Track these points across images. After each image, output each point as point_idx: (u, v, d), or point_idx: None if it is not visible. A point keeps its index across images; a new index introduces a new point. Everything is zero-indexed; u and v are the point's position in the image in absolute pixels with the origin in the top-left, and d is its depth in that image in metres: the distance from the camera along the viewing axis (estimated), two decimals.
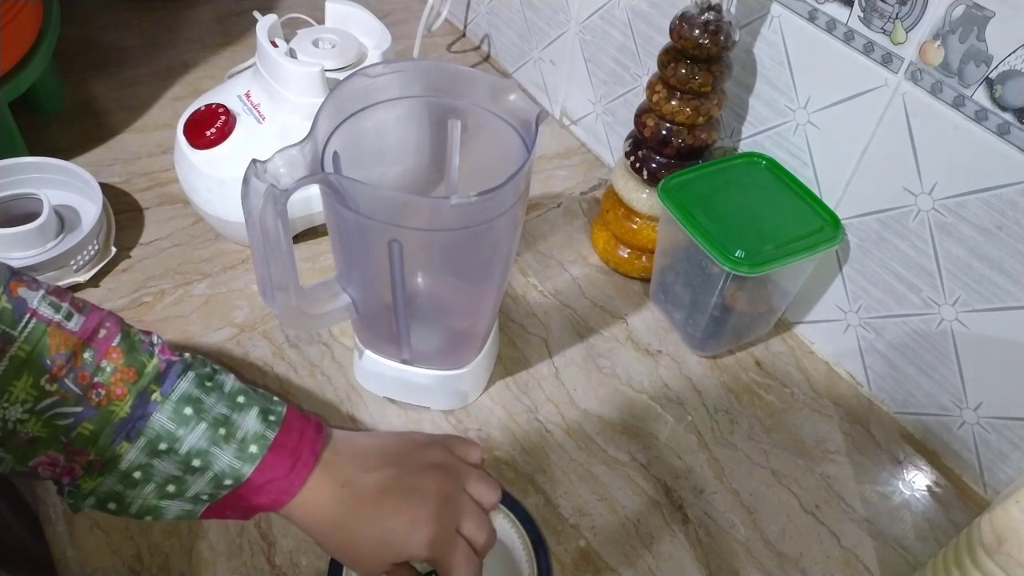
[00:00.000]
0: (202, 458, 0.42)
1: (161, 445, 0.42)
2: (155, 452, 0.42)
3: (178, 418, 0.42)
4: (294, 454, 0.44)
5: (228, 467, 0.42)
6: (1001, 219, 0.55)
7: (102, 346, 0.42)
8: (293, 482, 0.44)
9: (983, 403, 0.61)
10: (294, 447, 0.44)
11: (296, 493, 0.44)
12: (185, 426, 0.42)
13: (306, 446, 0.45)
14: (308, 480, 0.44)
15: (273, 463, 0.43)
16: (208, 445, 0.42)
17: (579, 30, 0.86)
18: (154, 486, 0.42)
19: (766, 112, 0.69)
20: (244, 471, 0.43)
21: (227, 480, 0.42)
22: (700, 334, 0.69)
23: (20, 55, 0.76)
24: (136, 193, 0.79)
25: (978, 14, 0.51)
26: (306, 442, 0.45)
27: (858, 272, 0.66)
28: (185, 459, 0.42)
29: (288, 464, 0.44)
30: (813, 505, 0.62)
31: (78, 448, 0.41)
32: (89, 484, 0.41)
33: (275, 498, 0.44)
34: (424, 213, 0.50)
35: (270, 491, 0.43)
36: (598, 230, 0.78)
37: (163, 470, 0.42)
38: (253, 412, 0.44)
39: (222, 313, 0.70)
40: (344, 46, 0.71)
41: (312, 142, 0.47)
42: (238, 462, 0.43)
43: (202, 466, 0.42)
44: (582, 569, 0.56)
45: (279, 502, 0.44)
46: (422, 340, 0.60)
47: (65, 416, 0.40)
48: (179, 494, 0.42)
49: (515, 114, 0.52)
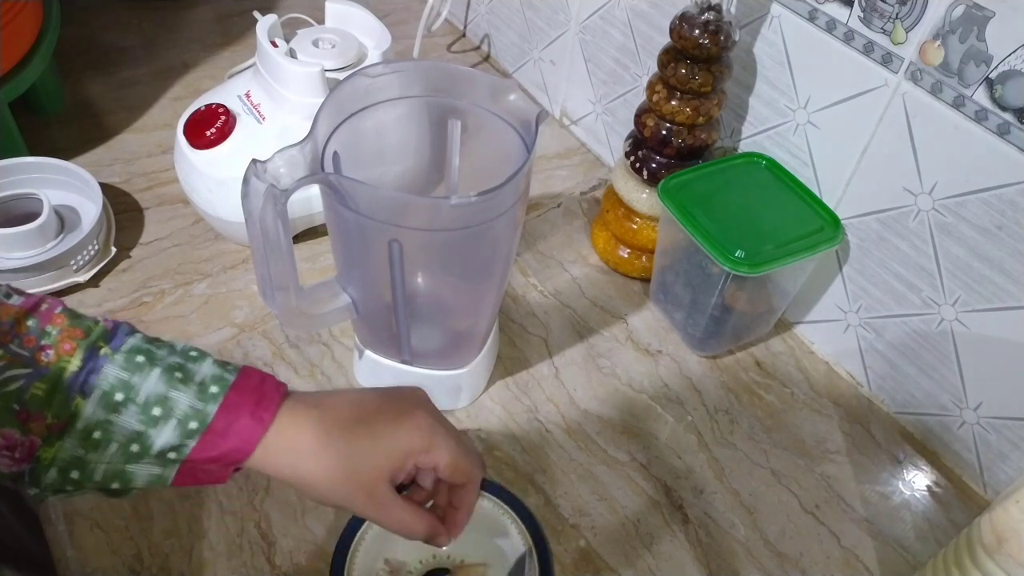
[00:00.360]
0: (162, 405, 0.40)
1: (117, 395, 0.40)
2: (112, 405, 0.40)
3: (131, 366, 0.41)
4: (257, 391, 0.43)
5: (190, 408, 0.41)
6: (1001, 219, 0.55)
7: (45, 315, 0.41)
8: (261, 417, 0.42)
9: (983, 403, 0.61)
10: (256, 387, 0.43)
11: (267, 427, 0.42)
12: (139, 372, 0.41)
13: (269, 385, 0.43)
14: (278, 413, 0.42)
15: (237, 400, 0.42)
16: (166, 389, 0.41)
17: (579, 30, 0.86)
18: (117, 446, 0.40)
19: (766, 112, 0.69)
20: (208, 410, 0.41)
21: (191, 423, 0.41)
22: (700, 334, 0.69)
23: (20, 55, 0.76)
24: (136, 193, 0.79)
25: (978, 14, 0.51)
26: (268, 383, 0.43)
27: (858, 272, 0.66)
28: (144, 408, 0.40)
29: (252, 400, 0.42)
30: (813, 505, 0.62)
31: (33, 412, 0.39)
32: (48, 453, 0.40)
33: (246, 438, 0.41)
34: (424, 213, 0.50)
35: (239, 431, 0.41)
36: (598, 230, 0.78)
37: (124, 425, 0.40)
38: (208, 360, 0.43)
39: (222, 313, 0.70)
40: (344, 46, 0.71)
41: (312, 142, 0.47)
42: (199, 403, 0.41)
43: (163, 414, 0.40)
44: (582, 569, 0.56)
45: (250, 442, 0.41)
46: (422, 340, 0.60)
47: (15, 380, 0.39)
48: (144, 452, 0.40)
49: (515, 114, 0.52)
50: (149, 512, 0.56)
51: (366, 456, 0.44)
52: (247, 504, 0.57)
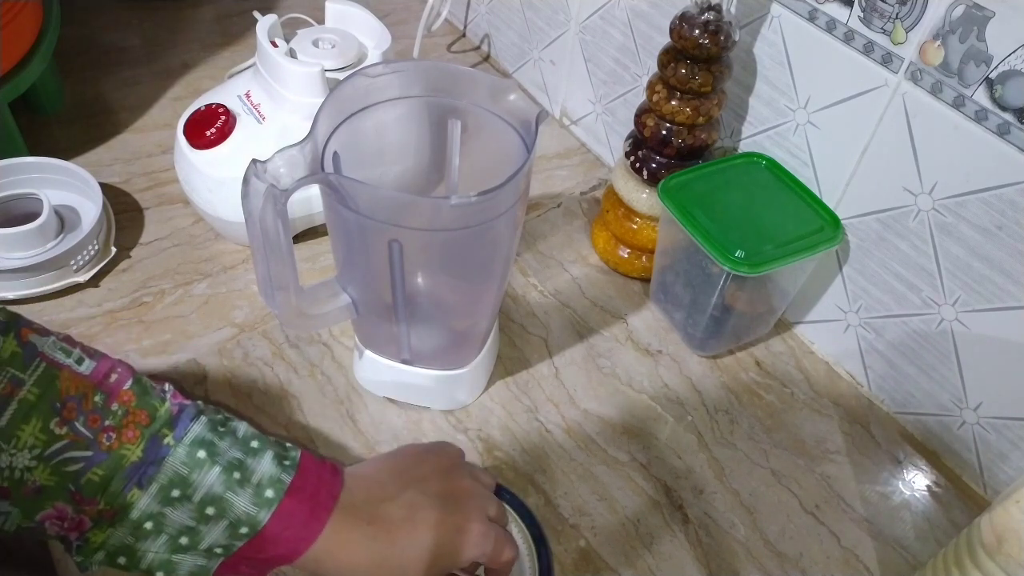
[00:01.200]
0: (216, 505, 0.40)
1: (174, 492, 0.40)
2: (168, 500, 0.40)
3: (191, 462, 0.41)
4: (312, 498, 0.43)
5: (244, 513, 0.41)
6: (1001, 219, 0.55)
7: (114, 389, 0.41)
8: (313, 528, 0.42)
9: (983, 403, 0.61)
10: (312, 492, 0.43)
11: (315, 539, 0.42)
12: (199, 470, 0.41)
13: (323, 489, 0.43)
14: (329, 523, 0.43)
15: (290, 508, 0.42)
16: (223, 491, 0.41)
17: (579, 30, 0.86)
18: (166, 538, 0.40)
19: (766, 112, 0.69)
20: (261, 517, 0.41)
21: (243, 528, 0.41)
22: (700, 334, 0.69)
23: (20, 55, 0.76)
24: (136, 193, 0.79)
25: (978, 14, 0.51)
26: (323, 486, 0.44)
27: (858, 272, 0.66)
28: (199, 507, 0.40)
29: (307, 509, 0.42)
30: (813, 505, 0.62)
31: (87, 497, 0.39)
32: (98, 537, 0.40)
33: (293, 547, 0.42)
34: (424, 213, 0.50)
35: (288, 539, 0.42)
36: (598, 230, 0.78)
37: (176, 520, 0.40)
38: (268, 456, 0.43)
39: (222, 313, 0.70)
40: (344, 46, 0.71)
41: (312, 142, 0.47)
42: (254, 508, 0.41)
43: (216, 514, 0.41)
44: (582, 569, 0.56)
45: (297, 551, 0.42)
46: (422, 340, 0.60)
47: (75, 461, 0.39)
48: (192, 546, 0.41)
49: (515, 114, 0.52)
50: None
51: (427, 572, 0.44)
52: None
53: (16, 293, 0.67)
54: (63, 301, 0.69)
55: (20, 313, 0.42)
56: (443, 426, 0.64)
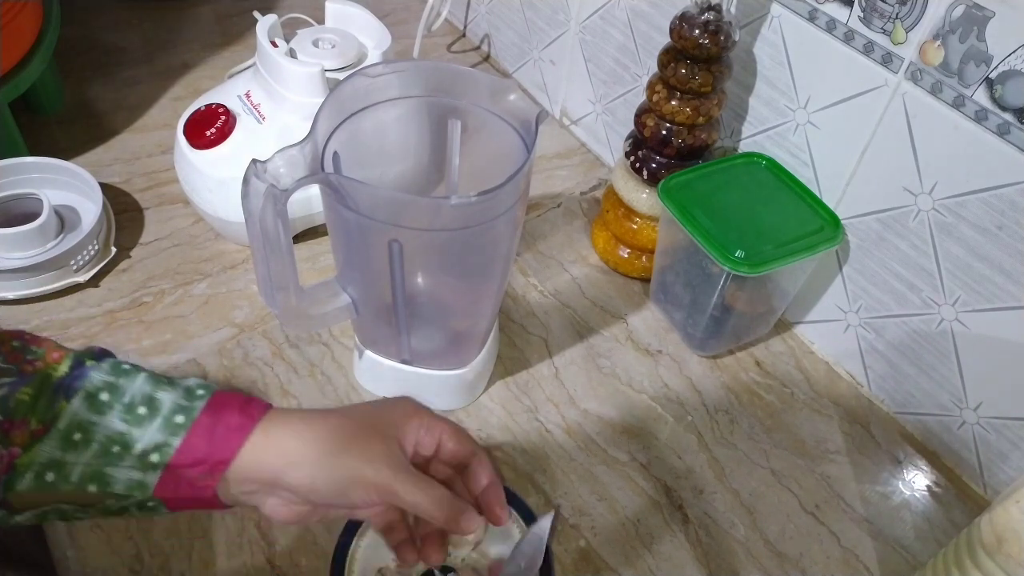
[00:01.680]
0: (148, 404, 0.39)
1: (102, 395, 0.39)
2: (96, 406, 0.39)
3: (117, 371, 0.40)
4: (244, 397, 0.42)
5: (176, 405, 0.40)
6: (1001, 219, 0.55)
7: (30, 340, 0.41)
8: (251, 413, 0.41)
9: (983, 403, 0.61)
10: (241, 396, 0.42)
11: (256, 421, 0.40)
12: (125, 376, 0.40)
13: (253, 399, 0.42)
14: (265, 415, 0.41)
15: (224, 400, 0.41)
16: (152, 390, 0.40)
17: (579, 30, 0.86)
18: (97, 446, 0.38)
19: (766, 112, 0.69)
20: (196, 405, 0.40)
21: (177, 417, 0.39)
22: (700, 334, 0.69)
23: (20, 55, 0.76)
24: (136, 193, 0.79)
25: (978, 14, 0.51)
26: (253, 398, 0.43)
27: (858, 272, 0.66)
28: (129, 408, 0.39)
29: (240, 400, 0.41)
30: (813, 505, 0.62)
31: (17, 420, 0.38)
32: (26, 459, 0.38)
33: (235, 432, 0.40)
34: (424, 213, 0.50)
35: (228, 426, 0.40)
36: (598, 230, 0.78)
37: (107, 425, 0.39)
38: (193, 379, 0.42)
39: (222, 313, 0.70)
40: (344, 46, 0.71)
41: (312, 142, 0.47)
42: (186, 400, 0.40)
43: (148, 413, 0.39)
44: (582, 569, 0.56)
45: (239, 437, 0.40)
46: (422, 340, 0.60)
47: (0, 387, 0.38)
48: (125, 452, 0.39)
49: (515, 114, 0.52)
50: None
51: (368, 424, 0.43)
52: None
53: (16, 293, 0.67)
54: (63, 301, 0.69)
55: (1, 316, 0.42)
56: None
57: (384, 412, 0.45)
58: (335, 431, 0.42)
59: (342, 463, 0.41)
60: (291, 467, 0.41)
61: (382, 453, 0.42)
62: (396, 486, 0.42)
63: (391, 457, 0.42)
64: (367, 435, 0.43)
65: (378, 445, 0.43)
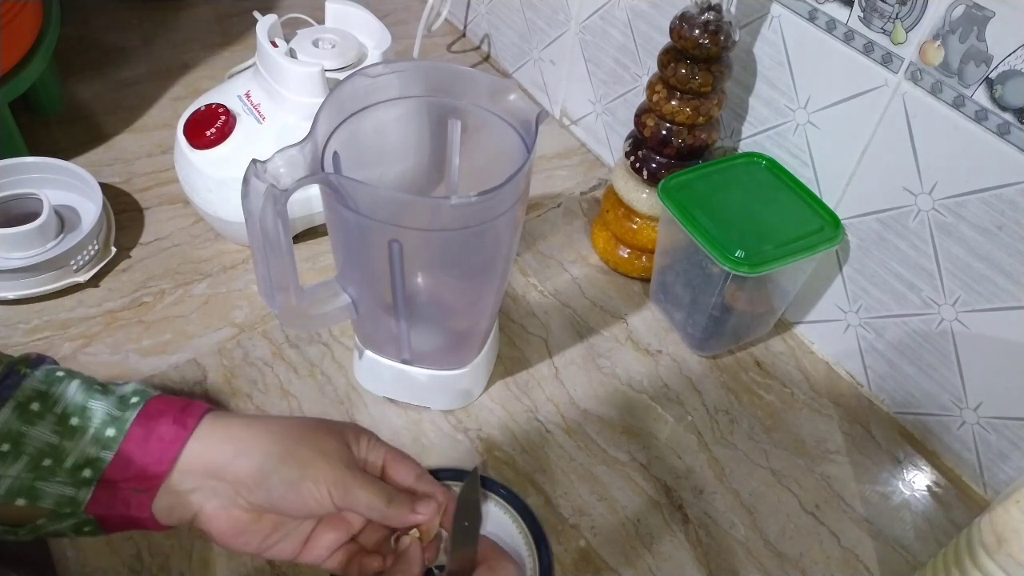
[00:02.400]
0: (79, 415, 0.38)
1: (33, 406, 0.38)
2: (27, 415, 0.37)
3: (49, 379, 0.39)
4: (182, 403, 0.40)
5: (107, 416, 0.38)
6: (1001, 219, 0.55)
7: None
8: (185, 422, 0.39)
9: (983, 403, 0.61)
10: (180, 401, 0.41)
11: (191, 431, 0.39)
12: (58, 384, 0.39)
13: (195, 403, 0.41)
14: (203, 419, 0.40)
15: (159, 408, 0.39)
16: (85, 399, 0.38)
17: (579, 30, 0.86)
18: (27, 459, 0.37)
19: (766, 112, 0.69)
20: (127, 416, 0.38)
21: (108, 431, 0.38)
22: (700, 334, 0.69)
23: (20, 55, 0.76)
24: (136, 193, 0.79)
25: (978, 14, 0.51)
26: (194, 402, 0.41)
27: (858, 272, 0.66)
28: (61, 419, 0.38)
29: (176, 407, 0.40)
30: (813, 505, 0.62)
31: None
32: None
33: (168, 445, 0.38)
34: (424, 213, 0.50)
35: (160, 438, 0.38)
36: (598, 230, 0.78)
37: (37, 437, 0.37)
38: (131, 384, 0.41)
39: (222, 313, 0.70)
40: (344, 46, 0.71)
41: (312, 142, 0.47)
42: (118, 411, 0.38)
43: (80, 424, 0.38)
44: (582, 569, 0.56)
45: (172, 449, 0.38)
46: (422, 340, 0.60)
47: None
48: (57, 466, 0.37)
49: (515, 114, 0.52)
50: None
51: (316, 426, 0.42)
52: None
53: (16, 293, 0.67)
54: (63, 301, 0.69)
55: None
56: (443, 426, 0.64)
57: (331, 423, 0.44)
58: (284, 428, 0.41)
59: (295, 453, 0.40)
60: (239, 456, 0.40)
61: (336, 450, 0.41)
62: (350, 482, 0.40)
63: (345, 455, 0.42)
64: (318, 433, 0.42)
65: (332, 443, 0.42)
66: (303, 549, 0.43)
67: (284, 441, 0.41)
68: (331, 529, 0.44)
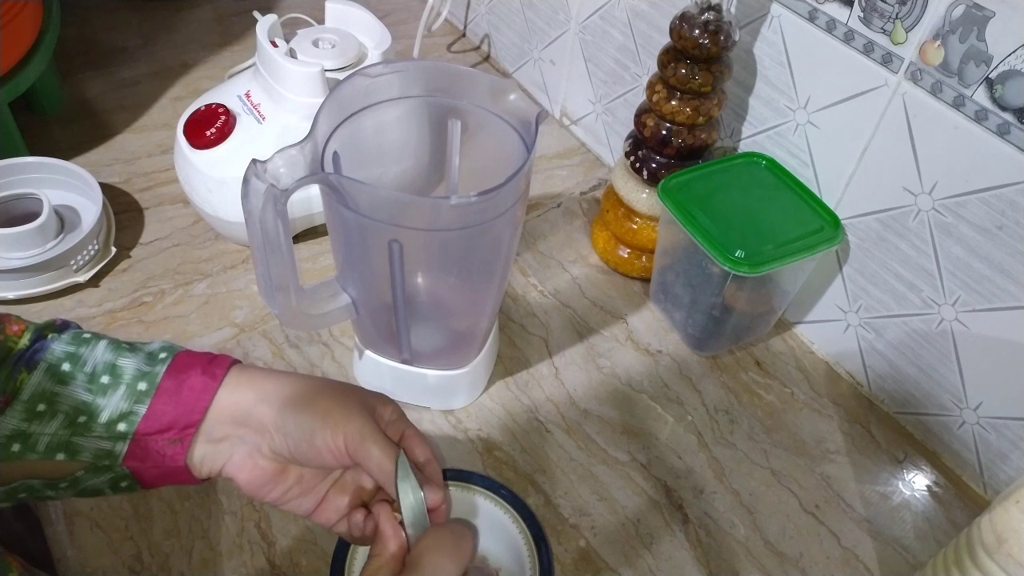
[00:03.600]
0: (110, 372, 0.39)
1: (64, 366, 0.39)
2: (59, 376, 0.39)
3: (78, 341, 0.40)
4: (208, 356, 0.42)
5: (137, 371, 0.39)
6: (1001, 219, 0.55)
7: None
8: (214, 373, 0.41)
9: (983, 403, 0.61)
10: (206, 355, 0.42)
11: (220, 381, 0.40)
12: (86, 345, 0.40)
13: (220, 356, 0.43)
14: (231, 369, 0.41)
15: (187, 361, 0.41)
16: (114, 357, 0.40)
17: (579, 30, 0.86)
18: (63, 417, 0.38)
19: (766, 112, 0.69)
20: (157, 370, 0.40)
21: (140, 384, 0.39)
22: (700, 334, 0.69)
23: (20, 55, 0.76)
24: (136, 193, 0.79)
25: (978, 14, 0.51)
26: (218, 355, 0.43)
27: (858, 272, 0.66)
28: (92, 377, 0.39)
29: (204, 360, 0.41)
30: (813, 505, 0.62)
31: None
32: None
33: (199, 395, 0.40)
34: (424, 213, 0.50)
35: (192, 388, 0.40)
36: (598, 230, 0.78)
37: (71, 395, 0.39)
38: (158, 342, 0.42)
39: (222, 313, 0.70)
40: (344, 46, 0.71)
41: (312, 142, 0.47)
42: (147, 366, 0.40)
43: (111, 381, 0.39)
44: (582, 569, 0.56)
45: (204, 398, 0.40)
46: (422, 340, 0.60)
47: None
48: (92, 422, 0.39)
49: (515, 114, 0.52)
50: (149, 512, 0.56)
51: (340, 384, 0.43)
52: (247, 504, 0.57)
53: (16, 293, 0.67)
54: (63, 301, 0.69)
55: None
56: (443, 426, 0.64)
57: (359, 388, 0.45)
58: (309, 380, 0.43)
59: (315, 403, 0.41)
60: (261, 402, 0.41)
61: (358, 405, 0.42)
62: (366, 435, 0.41)
63: (365, 410, 0.42)
64: (343, 389, 0.43)
65: (354, 399, 0.42)
66: (316, 509, 0.45)
67: (306, 391, 0.42)
68: (343, 493, 0.45)
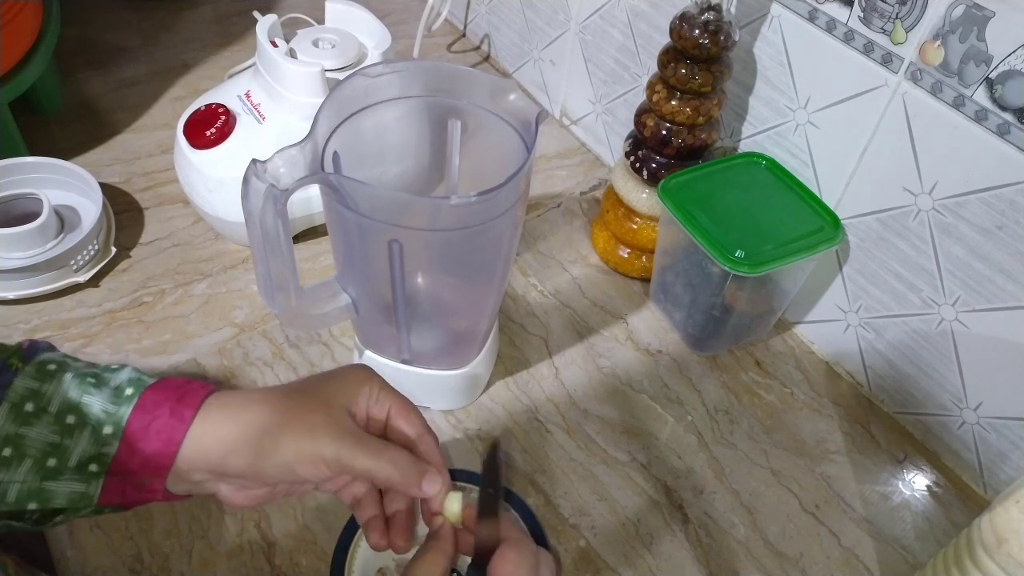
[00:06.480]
0: (75, 412, 0.37)
1: (27, 406, 0.37)
2: (23, 417, 0.37)
3: (41, 375, 0.38)
4: (180, 389, 0.39)
5: (103, 412, 0.37)
6: (1001, 219, 0.55)
7: None
8: (182, 415, 0.38)
9: (983, 403, 0.61)
10: (178, 387, 0.40)
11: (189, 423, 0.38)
12: (49, 381, 0.38)
13: (194, 385, 0.40)
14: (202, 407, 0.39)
15: (155, 399, 0.38)
16: (79, 395, 0.37)
17: (579, 30, 0.86)
18: (31, 462, 0.36)
19: (766, 112, 0.69)
20: (122, 412, 0.38)
21: (105, 428, 0.37)
22: (700, 334, 0.69)
23: (20, 55, 0.76)
24: (136, 193, 0.79)
25: (978, 14, 0.51)
26: (193, 383, 0.40)
27: (858, 272, 0.66)
28: (57, 417, 0.37)
29: (173, 397, 0.39)
30: (813, 505, 0.62)
31: None
32: None
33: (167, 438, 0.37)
34: (424, 213, 0.50)
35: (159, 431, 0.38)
36: (598, 230, 0.78)
37: (37, 438, 0.37)
38: (127, 369, 0.40)
39: (222, 313, 0.70)
40: (344, 46, 0.71)
41: (312, 142, 0.47)
42: (112, 406, 0.38)
43: (77, 422, 0.37)
44: (582, 569, 0.56)
45: (173, 441, 0.38)
46: (422, 340, 0.60)
47: None
48: (62, 467, 0.37)
49: (515, 114, 0.52)
50: (149, 512, 0.56)
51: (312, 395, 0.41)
52: None
53: (16, 293, 0.67)
54: (63, 301, 0.69)
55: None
56: (443, 426, 0.64)
57: (333, 379, 0.43)
58: (275, 408, 0.40)
59: (283, 441, 0.39)
60: (230, 455, 0.39)
61: (323, 424, 0.40)
62: (342, 455, 0.39)
63: (334, 427, 0.40)
64: (308, 408, 0.41)
65: (320, 416, 0.41)
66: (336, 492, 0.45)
67: (274, 424, 0.40)
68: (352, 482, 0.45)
